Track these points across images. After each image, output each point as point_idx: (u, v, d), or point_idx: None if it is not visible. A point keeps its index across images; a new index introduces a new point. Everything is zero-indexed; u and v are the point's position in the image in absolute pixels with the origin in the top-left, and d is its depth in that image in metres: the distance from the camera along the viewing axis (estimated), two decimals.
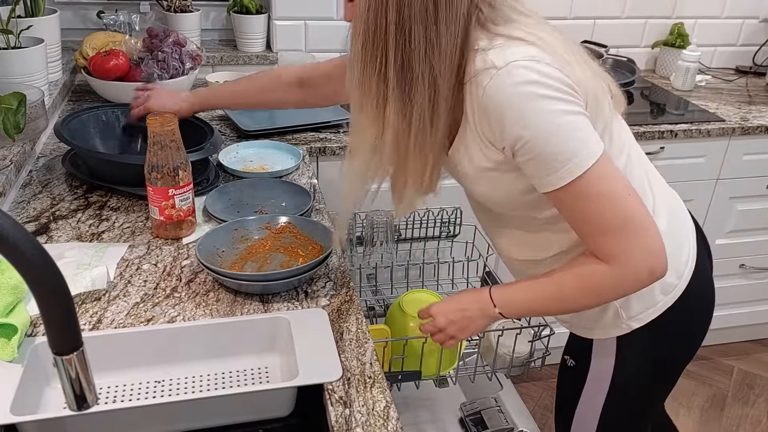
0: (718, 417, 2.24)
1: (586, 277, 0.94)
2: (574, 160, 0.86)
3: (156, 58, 1.85)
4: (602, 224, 0.89)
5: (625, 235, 0.89)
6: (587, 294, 0.96)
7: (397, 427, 0.87)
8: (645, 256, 0.90)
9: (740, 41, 2.61)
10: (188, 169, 1.22)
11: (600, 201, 0.88)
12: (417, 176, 0.98)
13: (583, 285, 0.95)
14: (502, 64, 0.85)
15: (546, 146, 0.86)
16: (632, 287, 0.94)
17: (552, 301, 1.00)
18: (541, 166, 0.88)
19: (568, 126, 0.85)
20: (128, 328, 1.02)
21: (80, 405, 0.65)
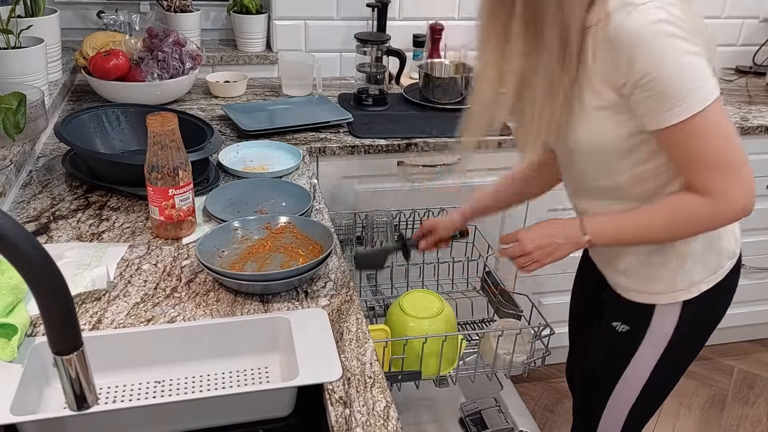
0: (718, 417, 2.24)
1: (684, 209, 1.02)
2: (695, 97, 0.93)
3: (156, 58, 1.85)
4: (710, 161, 0.96)
5: (729, 173, 0.97)
6: (681, 224, 1.03)
7: (397, 427, 0.87)
8: (743, 194, 0.98)
9: (740, 41, 2.61)
10: (188, 169, 1.22)
11: (713, 138, 0.95)
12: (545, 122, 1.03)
13: (679, 215, 1.02)
14: (640, 2, 0.92)
15: (672, 82, 0.92)
16: (724, 222, 1.03)
17: (645, 229, 1.06)
18: (663, 102, 0.94)
19: (693, 65, 0.92)
20: (128, 328, 1.02)
21: (80, 405, 0.65)
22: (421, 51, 2.29)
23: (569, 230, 1.10)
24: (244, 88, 2.08)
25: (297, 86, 2.07)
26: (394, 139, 1.81)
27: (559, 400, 2.27)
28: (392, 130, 1.86)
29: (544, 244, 1.12)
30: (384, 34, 2.06)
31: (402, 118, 1.95)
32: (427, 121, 1.94)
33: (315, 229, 1.22)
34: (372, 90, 2.01)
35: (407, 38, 2.27)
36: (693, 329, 1.18)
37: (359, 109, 1.99)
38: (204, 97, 2.04)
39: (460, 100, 2.05)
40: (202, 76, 2.06)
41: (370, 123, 1.90)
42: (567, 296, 2.21)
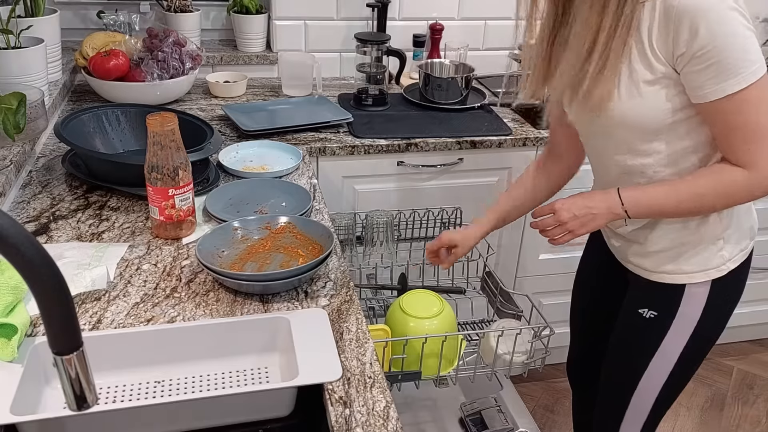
0: (718, 417, 2.24)
1: (723, 179, 1.04)
2: (750, 69, 0.97)
3: (156, 58, 1.85)
4: (756, 132, 1.00)
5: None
6: (719, 194, 1.05)
7: (397, 427, 0.87)
8: None
9: None
10: (188, 169, 1.22)
11: (760, 109, 0.99)
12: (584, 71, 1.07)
13: (718, 185, 1.05)
14: None
15: (731, 53, 0.96)
16: (762, 192, 1.04)
17: (682, 201, 1.08)
18: (722, 72, 0.97)
19: (750, 40, 0.97)
20: (128, 328, 1.02)
21: (80, 405, 0.65)
22: (421, 51, 2.29)
23: (607, 200, 1.12)
24: (244, 88, 2.08)
25: (297, 86, 2.07)
26: (394, 139, 1.81)
27: (559, 400, 2.27)
28: (392, 130, 1.86)
29: (580, 215, 1.14)
30: (384, 34, 2.06)
31: (402, 118, 1.95)
32: (427, 121, 1.94)
33: (315, 229, 1.22)
34: (372, 90, 2.01)
35: (407, 38, 2.27)
36: (718, 309, 1.20)
37: (359, 109, 1.99)
38: (204, 97, 2.04)
39: (460, 100, 2.05)
40: (202, 76, 2.06)
41: (370, 123, 1.90)
42: (567, 296, 2.21)
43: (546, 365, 2.43)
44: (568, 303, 2.23)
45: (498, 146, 1.88)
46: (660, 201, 1.10)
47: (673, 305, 1.20)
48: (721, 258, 1.16)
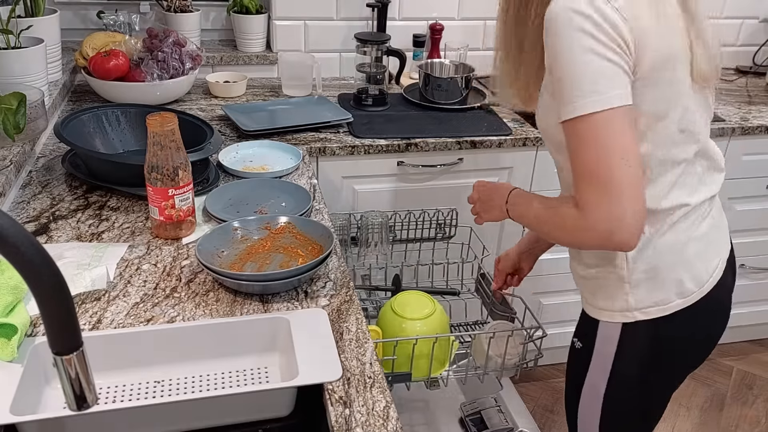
0: (717, 417, 2.24)
1: (559, 213, 0.99)
2: (584, 100, 0.89)
3: (156, 58, 1.85)
4: (584, 170, 0.92)
5: (599, 191, 0.90)
6: (555, 227, 1.00)
7: (397, 427, 0.87)
8: (607, 218, 0.90)
9: (740, 41, 2.61)
10: (188, 169, 1.22)
11: (591, 148, 0.91)
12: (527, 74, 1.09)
13: (556, 219, 1.00)
14: None
15: (566, 76, 0.91)
16: (589, 241, 0.95)
17: (536, 220, 1.06)
18: (561, 94, 0.92)
19: (591, 66, 0.89)
20: (128, 328, 1.02)
21: (80, 405, 0.65)
22: (421, 51, 2.29)
23: (502, 196, 1.13)
24: (244, 89, 2.08)
25: (297, 86, 2.07)
26: (394, 139, 1.81)
27: (559, 400, 2.27)
28: (392, 130, 1.86)
29: (483, 199, 1.19)
30: (384, 34, 2.06)
31: (402, 118, 1.95)
32: (427, 121, 1.94)
33: (315, 229, 1.22)
34: (372, 90, 2.01)
35: (407, 38, 2.27)
36: (636, 358, 1.11)
37: (359, 109, 1.99)
38: (204, 97, 2.04)
39: (460, 100, 2.05)
40: (202, 76, 2.06)
41: (370, 123, 1.90)
42: (567, 296, 2.22)
43: (546, 365, 2.45)
44: (567, 303, 2.23)
45: (498, 146, 1.88)
46: (525, 211, 1.09)
47: (592, 339, 1.14)
48: (627, 303, 1.07)
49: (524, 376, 2.34)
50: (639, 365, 1.12)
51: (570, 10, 0.89)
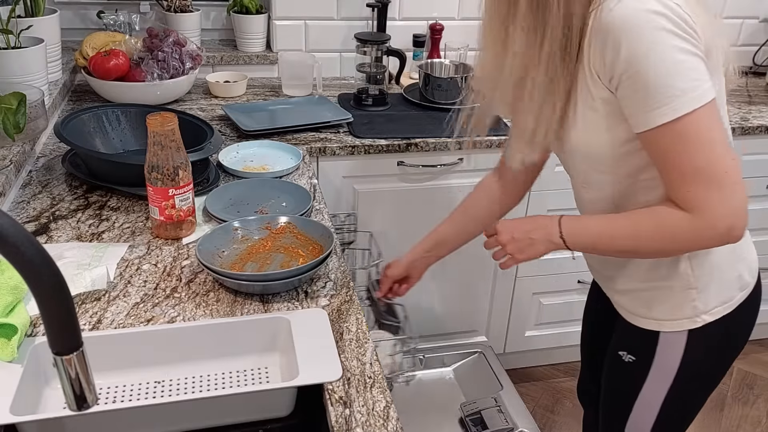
0: (718, 417, 2.24)
1: (665, 221, 0.93)
2: (682, 98, 0.85)
3: (156, 58, 1.85)
4: (694, 171, 0.88)
5: (714, 187, 0.88)
6: (662, 238, 0.94)
7: (397, 427, 0.87)
8: (729, 212, 0.89)
9: (740, 41, 2.61)
10: (188, 169, 1.22)
11: (698, 146, 0.87)
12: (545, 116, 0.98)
13: (660, 228, 0.94)
14: None
15: (657, 78, 0.85)
16: (708, 241, 0.93)
17: (623, 239, 0.98)
18: (646, 100, 0.87)
19: (684, 64, 0.85)
20: (128, 328, 1.02)
21: (80, 405, 0.65)
22: (421, 51, 2.29)
23: (547, 227, 1.03)
24: (244, 88, 2.08)
25: (297, 86, 2.07)
26: (394, 139, 1.81)
27: (559, 401, 2.27)
28: (392, 130, 1.86)
29: (518, 238, 1.06)
30: (384, 34, 2.06)
31: (402, 118, 1.95)
32: (427, 121, 1.94)
33: (315, 229, 1.22)
34: (372, 90, 2.01)
35: (407, 38, 2.27)
36: (702, 361, 1.10)
37: (359, 109, 1.99)
38: (204, 97, 2.04)
39: (460, 100, 2.05)
40: (202, 76, 2.06)
41: (370, 123, 1.90)
42: (567, 296, 2.22)
43: (546, 365, 2.45)
44: (567, 303, 2.23)
45: (498, 146, 1.88)
46: (599, 237, 1.00)
47: (650, 352, 1.11)
48: (694, 309, 1.06)
49: (524, 376, 2.34)
50: (705, 367, 1.12)
51: (646, 12, 0.85)
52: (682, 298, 1.06)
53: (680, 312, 1.07)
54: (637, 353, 1.14)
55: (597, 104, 0.94)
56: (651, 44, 0.85)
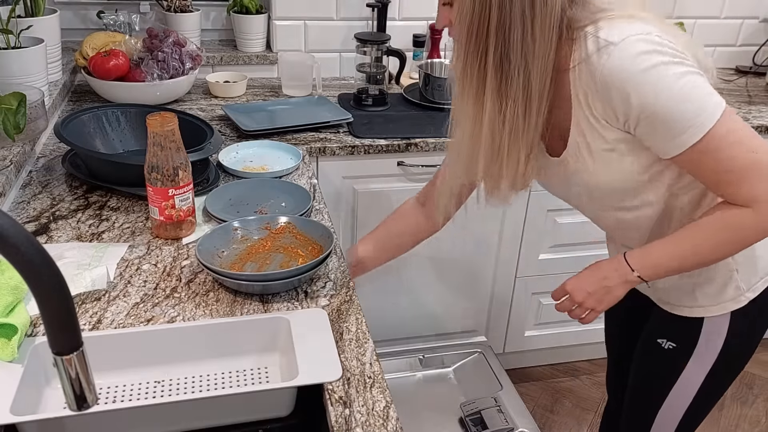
0: (717, 417, 2.24)
1: (728, 224, 0.96)
2: (700, 118, 0.90)
3: (156, 58, 1.85)
4: (739, 171, 0.92)
5: (758, 175, 0.92)
6: (731, 240, 0.98)
7: (397, 427, 0.87)
8: None
9: (740, 41, 2.61)
10: (188, 169, 1.22)
11: (732, 150, 0.91)
12: (511, 170, 1.03)
13: (727, 232, 0.97)
14: (617, 40, 0.90)
15: (672, 111, 0.90)
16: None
17: (693, 253, 1.01)
18: (670, 130, 0.91)
19: (689, 85, 0.90)
20: (128, 328, 1.02)
21: (80, 405, 0.65)
22: (421, 51, 2.29)
23: (618, 270, 1.05)
24: (244, 88, 2.08)
25: (297, 86, 2.07)
26: (394, 139, 1.81)
27: (559, 401, 2.27)
28: (392, 130, 1.86)
29: (594, 291, 1.08)
30: (384, 34, 2.06)
31: (402, 118, 1.95)
32: (427, 121, 1.94)
33: (315, 230, 1.22)
34: (372, 90, 2.01)
35: (407, 38, 2.27)
36: (742, 340, 1.15)
37: (359, 109, 1.99)
38: (204, 97, 2.04)
39: None
40: (202, 76, 2.06)
41: (370, 123, 1.90)
42: None
43: (546, 365, 2.45)
44: None
45: None
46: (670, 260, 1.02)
47: (693, 338, 1.16)
48: (738, 290, 1.11)
49: (524, 376, 2.34)
50: (744, 347, 1.17)
51: (637, 56, 0.89)
52: (726, 281, 1.10)
53: (724, 295, 1.11)
54: (679, 340, 1.18)
55: (614, 145, 0.99)
56: (655, 84, 0.89)
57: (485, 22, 0.94)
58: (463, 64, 0.99)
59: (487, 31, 0.94)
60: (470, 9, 0.94)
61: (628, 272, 1.04)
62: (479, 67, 0.97)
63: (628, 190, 1.05)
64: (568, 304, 1.12)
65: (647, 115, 0.91)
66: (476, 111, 1.01)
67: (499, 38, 0.94)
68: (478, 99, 0.99)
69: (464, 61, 0.98)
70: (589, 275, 1.10)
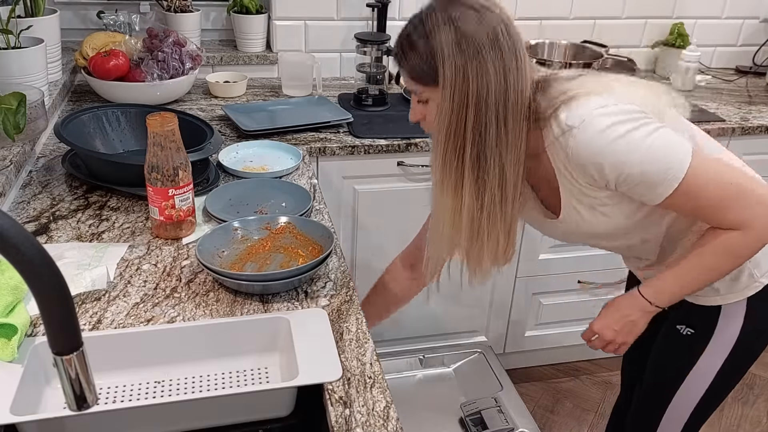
0: (718, 417, 2.24)
1: (725, 246, 1.05)
2: (673, 168, 0.98)
3: (156, 58, 1.85)
4: (719, 203, 1.01)
5: (745, 202, 1.00)
6: (730, 260, 1.06)
7: (397, 427, 0.87)
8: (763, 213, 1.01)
9: (740, 41, 2.61)
10: (188, 169, 1.22)
11: (709, 187, 1.00)
12: (491, 250, 1.12)
13: (725, 253, 1.05)
14: (578, 123, 0.99)
15: (645, 168, 0.98)
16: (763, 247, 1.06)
17: (699, 277, 1.09)
18: (647, 186, 1.00)
19: (655, 144, 0.98)
20: (128, 328, 1.02)
21: (80, 405, 0.65)
22: None
23: (637, 304, 1.14)
24: (244, 88, 2.08)
25: (297, 86, 2.07)
26: (394, 139, 1.81)
27: (559, 401, 2.27)
28: (392, 130, 1.86)
29: (620, 327, 1.16)
30: (384, 34, 2.06)
31: (402, 118, 1.94)
32: None
33: (315, 230, 1.22)
34: (372, 90, 2.01)
35: None
36: (758, 324, 1.20)
37: (359, 109, 1.99)
38: (204, 97, 2.04)
39: None
40: (202, 76, 2.06)
41: (370, 123, 1.90)
42: (567, 296, 2.22)
43: (546, 365, 2.45)
44: (567, 303, 2.23)
45: None
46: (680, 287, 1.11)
47: (711, 325, 1.21)
48: (752, 277, 1.17)
49: (524, 376, 2.34)
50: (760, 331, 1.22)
51: (600, 132, 0.97)
52: (738, 271, 1.15)
53: (739, 283, 1.17)
54: (697, 327, 1.23)
55: (607, 200, 1.07)
56: (623, 152, 0.97)
57: (462, 122, 1.02)
58: (442, 161, 1.06)
59: (464, 130, 1.02)
60: (448, 110, 1.02)
61: (646, 305, 1.13)
62: (457, 164, 1.05)
63: (629, 226, 1.12)
64: (599, 343, 1.20)
65: (624, 178, 1.00)
66: (455, 203, 1.08)
67: (475, 136, 1.02)
68: (457, 192, 1.07)
69: (443, 158, 1.06)
70: (611, 314, 1.17)
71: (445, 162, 1.06)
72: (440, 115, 1.03)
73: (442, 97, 1.02)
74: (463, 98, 1.00)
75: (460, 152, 1.04)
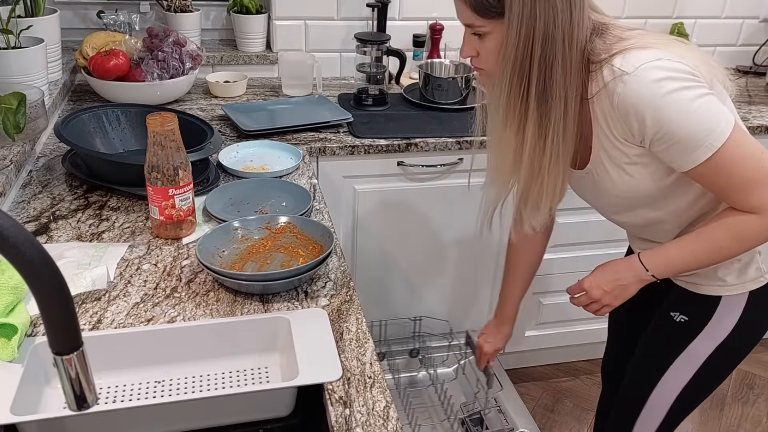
0: (718, 417, 2.24)
1: (738, 228, 1.04)
2: (712, 135, 0.97)
3: (156, 58, 1.85)
4: (747, 183, 1.00)
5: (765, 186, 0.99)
6: (739, 243, 1.06)
7: (397, 427, 0.87)
8: None
9: (740, 41, 2.61)
10: (188, 169, 1.22)
11: (742, 164, 0.99)
12: (551, 186, 1.12)
13: (736, 235, 1.05)
14: (631, 69, 0.98)
15: (685, 130, 0.97)
16: None
17: (704, 254, 1.09)
18: (683, 149, 0.99)
19: (701, 108, 0.97)
20: (128, 328, 1.02)
21: (80, 405, 0.65)
22: (421, 51, 2.29)
23: (632, 269, 1.13)
24: (244, 88, 2.08)
25: (297, 86, 2.07)
26: (394, 139, 1.81)
27: (559, 400, 2.27)
28: (392, 130, 1.86)
29: (610, 289, 1.16)
30: (384, 34, 2.06)
31: (402, 118, 1.95)
32: (427, 121, 1.94)
33: (315, 229, 1.22)
34: (372, 90, 2.01)
35: (407, 38, 2.27)
36: (756, 319, 1.20)
37: (359, 109, 1.99)
38: (204, 97, 2.04)
39: (460, 100, 2.05)
40: (202, 76, 2.06)
41: (370, 123, 1.90)
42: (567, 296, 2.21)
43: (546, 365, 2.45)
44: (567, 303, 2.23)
45: None
46: (682, 261, 1.10)
47: (707, 314, 1.21)
48: (758, 270, 1.17)
49: (524, 376, 2.34)
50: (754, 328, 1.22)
51: (653, 83, 0.96)
52: (748, 262, 1.16)
53: (746, 275, 1.17)
54: (692, 314, 1.23)
55: (636, 158, 1.06)
56: (669, 107, 0.96)
57: (528, 56, 1.00)
58: (506, 98, 1.05)
59: (530, 64, 1.01)
60: (514, 45, 1.00)
61: (642, 272, 1.12)
62: (522, 100, 1.04)
63: (651, 193, 1.11)
64: (584, 299, 1.20)
65: (661, 135, 0.98)
66: (518, 141, 1.08)
67: (542, 70, 1.01)
68: (520, 130, 1.07)
69: (507, 95, 1.05)
70: (604, 274, 1.17)
71: (509, 100, 1.05)
72: (506, 49, 1.02)
73: (509, 30, 1.00)
74: (530, 31, 0.99)
75: (525, 87, 1.03)
